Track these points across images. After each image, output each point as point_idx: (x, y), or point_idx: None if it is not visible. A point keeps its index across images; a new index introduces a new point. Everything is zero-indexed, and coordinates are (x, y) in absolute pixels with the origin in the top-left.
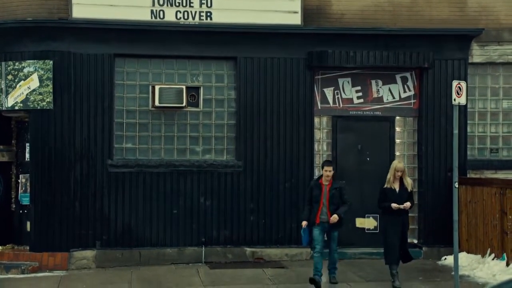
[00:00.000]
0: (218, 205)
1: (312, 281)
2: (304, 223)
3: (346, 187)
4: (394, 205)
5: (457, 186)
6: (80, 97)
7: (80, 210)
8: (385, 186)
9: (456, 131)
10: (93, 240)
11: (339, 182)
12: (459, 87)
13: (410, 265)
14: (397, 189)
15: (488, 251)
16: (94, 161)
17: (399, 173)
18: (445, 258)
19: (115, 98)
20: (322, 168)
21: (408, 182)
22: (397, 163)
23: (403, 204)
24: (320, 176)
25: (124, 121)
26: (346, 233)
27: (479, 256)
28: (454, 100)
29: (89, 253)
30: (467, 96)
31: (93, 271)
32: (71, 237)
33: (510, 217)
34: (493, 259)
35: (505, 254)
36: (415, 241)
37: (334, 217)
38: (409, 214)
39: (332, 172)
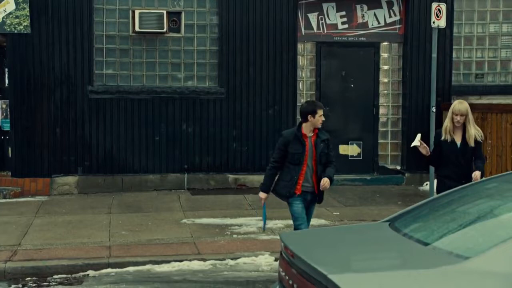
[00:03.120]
0: (200, 132)
1: None
2: (263, 195)
3: (330, 139)
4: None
5: (434, 110)
6: (59, 21)
7: (61, 136)
8: (442, 137)
9: (434, 55)
10: (75, 166)
11: (324, 133)
12: (438, 9)
13: (391, 191)
14: (459, 143)
15: None
16: (74, 87)
17: (459, 118)
18: (427, 184)
19: (95, 23)
20: (312, 113)
21: (471, 133)
22: (457, 104)
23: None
24: (300, 124)
25: (104, 46)
26: None
27: None
28: (433, 22)
29: (71, 179)
30: (452, 20)
31: (75, 197)
32: (52, 163)
33: (489, 141)
34: None
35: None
36: (398, 167)
37: (326, 181)
38: (393, 141)
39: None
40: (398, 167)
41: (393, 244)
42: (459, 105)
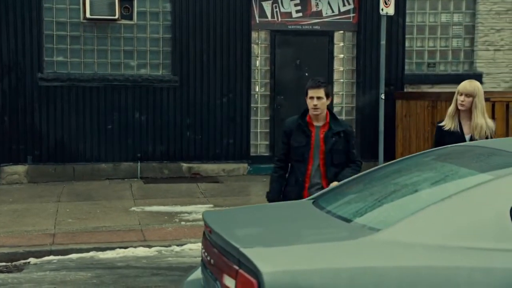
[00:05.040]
0: (153, 121)
1: None
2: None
3: (354, 132)
4: None
5: (383, 97)
6: (5, 6)
7: (10, 125)
8: (442, 124)
9: (383, 42)
10: (25, 155)
11: (342, 123)
12: None
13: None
14: (468, 136)
15: None
16: (23, 74)
17: (464, 99)
18: None
19: (44, 9)
20: (306, 94)
21: (477, 123)
22: (465, 82)
23: None
24: (306, 111)
25: (55, 33)
26: None
27: None
28: (382, 10)
29: (20, 168)
30: (405, 9)
31: (24, 186)
32: (1, 152)
33: None
34: None
35: None
36: None
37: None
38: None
39: (324, 102)
40: None
41: (312, 220)
42: (467, 82)
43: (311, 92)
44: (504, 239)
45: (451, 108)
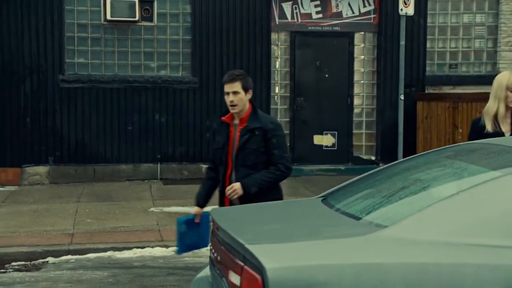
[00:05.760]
0: (173, 122)
1: None
2: (196, 210)
3: (281, 131)
4: None
5: (402, 98)
6: (28, 9)
7: (32, 126)
8: (484, 124)
9: (402, 42)
10: (46, 156)
11: (262, 118)
12: None
13: None
14: (508, 134)
15: None
16: (44, 76)
17: None
18: None
19: (65, 11)
20: (222, 86)
21: None
22: (509, 74)
23: None
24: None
25: (76, 35)
26: (303, 150)
27: None
28: (401, 10)
29: (41, 169)
30: (426, 10)
31: (46, 187)
32: (23, 153)
33: (460, 130)
34: None
35: None
36: (373, 158)
37: (233, 187)
38: (367, 131)
39: (242, 97)
40: (373, 158)
41: (319, 218)
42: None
43: (226, 87)
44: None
45: (498, 108)
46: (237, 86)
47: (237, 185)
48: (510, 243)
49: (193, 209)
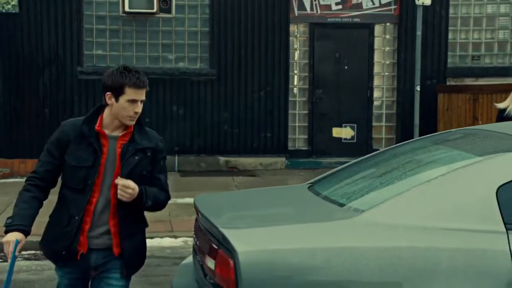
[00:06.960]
0: (191, 114)
1: None
2: (12, 237)
3: (165, 150)
4: None
5: (418, 89)
6: (47, 1)
7: (50, 117)
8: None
9: (419, 33)
10: None
11: (150, 134)
12: None
13: None
14: None
15: None
16: (63, 67)
17: None
18: None
19: (84, 3)
20: (115, 90)
21: None
22: None
23: None
24: (97, 111)
25: (94, 27)
26: (322, 142)
27: None
28: (418, 0)
29: None
30: (448, 0)
31: None
32: (41, 143)
33: (481, 122)
34: None
35: None
36: None
37: (132, 188)
38: (387, 124)
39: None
40: None
41: (301, 204)
42: None
43: (135, 93)
44: (488, 220)
45: None
46: (144, 94)
47: (135, 186)
48: (486, 227)
49: (18, 235)
